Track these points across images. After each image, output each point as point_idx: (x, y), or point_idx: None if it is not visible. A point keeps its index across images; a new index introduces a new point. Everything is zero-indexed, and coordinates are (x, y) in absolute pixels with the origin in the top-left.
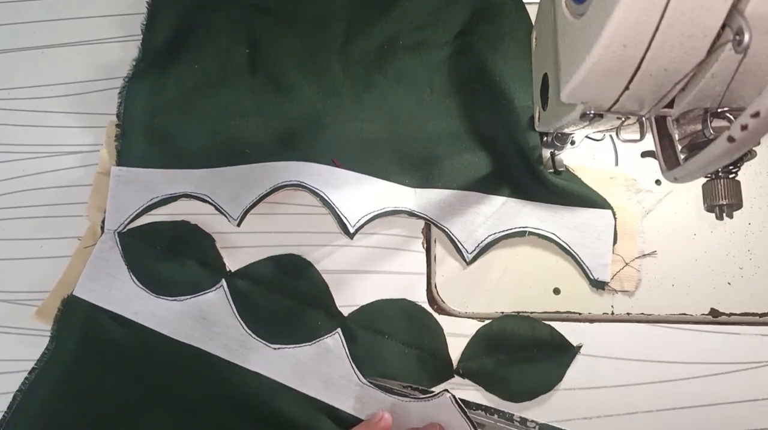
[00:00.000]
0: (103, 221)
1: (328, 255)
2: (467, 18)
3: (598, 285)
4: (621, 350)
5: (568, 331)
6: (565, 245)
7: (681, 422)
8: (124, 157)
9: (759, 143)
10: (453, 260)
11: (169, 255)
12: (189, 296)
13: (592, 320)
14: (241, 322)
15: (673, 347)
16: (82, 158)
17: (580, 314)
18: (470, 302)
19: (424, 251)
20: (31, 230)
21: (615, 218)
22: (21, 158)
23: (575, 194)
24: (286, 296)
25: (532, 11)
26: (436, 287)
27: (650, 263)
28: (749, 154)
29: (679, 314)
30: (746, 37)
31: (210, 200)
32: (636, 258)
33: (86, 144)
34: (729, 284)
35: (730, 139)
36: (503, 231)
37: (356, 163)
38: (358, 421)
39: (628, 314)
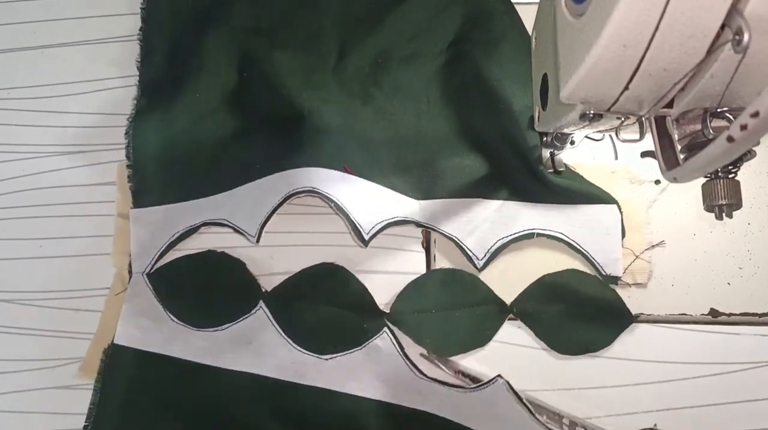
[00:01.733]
0: (129, 265)
1: (327, 255)
2: (459, 26)
3: (611, 281)
4: (621, 350)
5: None
6: (574, 244)
7: (681, 422)
8: (139, 197)
9: (758, 143)
10: (452, 260)
11: (203, 286)
12: (230, 324)
13: None
14: (288, 340)
15: (673, 347)
16: (82, 158)
17: None
18: None
19: (423, 250)
20: (31, 230)
21: (621, 212)
22: (21, 158)
23: (579, 192)
24: (327, 306)
25: (532, 11)
26: None
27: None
28: (749, 154)
29: (679, 314)
30: (745, 37)
31: (228, 223)
32: (645, 250)
33: (86, 144)
34: (729, 284)
35: (730, 139)
36: (511, 235)
37: (365, 171)
38: (424, 415)
39: None
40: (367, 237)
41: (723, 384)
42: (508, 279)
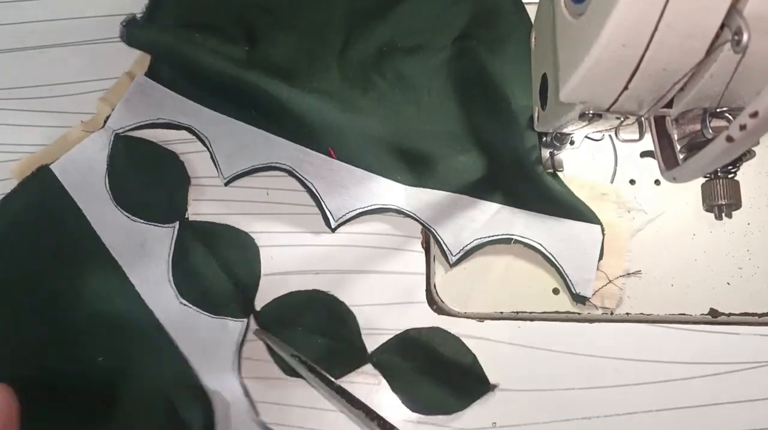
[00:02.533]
0: (108, 117)
1: (327, 255)
2: (467, 22)
3: (579, 300)
4: (620, 350)
5: (568, 331)
6: (550, 256)
7: (681, 422)
8: (154, 71)
9: (758, 143)
10: None
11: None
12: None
13: (591, 320)
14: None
15: (672, 347)
16: None
17: (579, 314)
18: (470, 302)
19: (423, 250)
20: None
21: (603, 234)
22: (21, 158)
23: (566, 205)
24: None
25: (532, 11)
26: (435, 287)
27: (650, 262)
28: (748, 154)
29: (679, 314)
30: (745, 37)
31: (209, 146)
32: (620, 276)
33: None
34: (728, 284)
35: (729, 139)
36: (489, 236)
37: (351, 155)
38: None
39: (627, 314)
40: (334, 224)
41: (723, 384)
42: (504, 284)
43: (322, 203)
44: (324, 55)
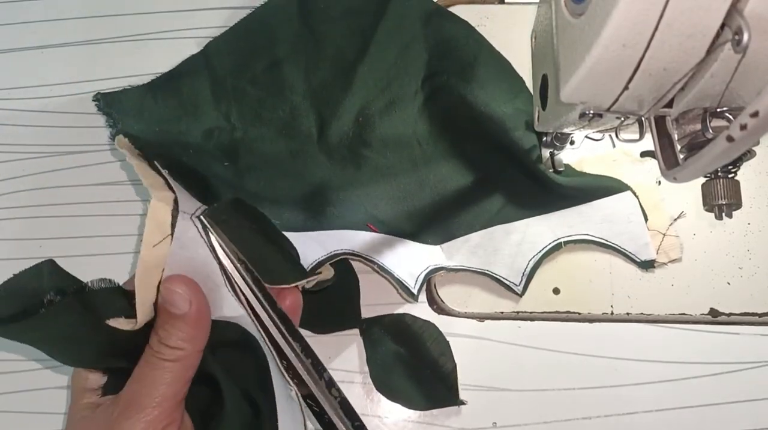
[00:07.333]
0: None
1: None
2: (427, 60)
3: (647, 265)
4: (620, 350)
5: (568, 331)
6: (602, 241)
7: (681, 422)
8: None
9: (758, 143)
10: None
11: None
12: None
13: (591, 320)
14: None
15: (672, 347)
16: (82, 158)
17: (579, 314)
18: (470, 302)
19: None
20: (31, 230)
21: (637, 196)
22: (21, 158)
23: (590, 188)
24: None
25: (532, 11)
26: (435, 286)
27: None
28: (748, 154)
29: (679, 314)
30: (745, 37)
31: None
32: (670, 225)
33: (86, 144)
34: (728, 283)
35: (729, 138)
36: (540, 252)
37: (383, 227)
38: None
39: (627, 314)
40: (415, 292)
41: (723, 384)
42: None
43: (395, 275)
44: (305, 150)
